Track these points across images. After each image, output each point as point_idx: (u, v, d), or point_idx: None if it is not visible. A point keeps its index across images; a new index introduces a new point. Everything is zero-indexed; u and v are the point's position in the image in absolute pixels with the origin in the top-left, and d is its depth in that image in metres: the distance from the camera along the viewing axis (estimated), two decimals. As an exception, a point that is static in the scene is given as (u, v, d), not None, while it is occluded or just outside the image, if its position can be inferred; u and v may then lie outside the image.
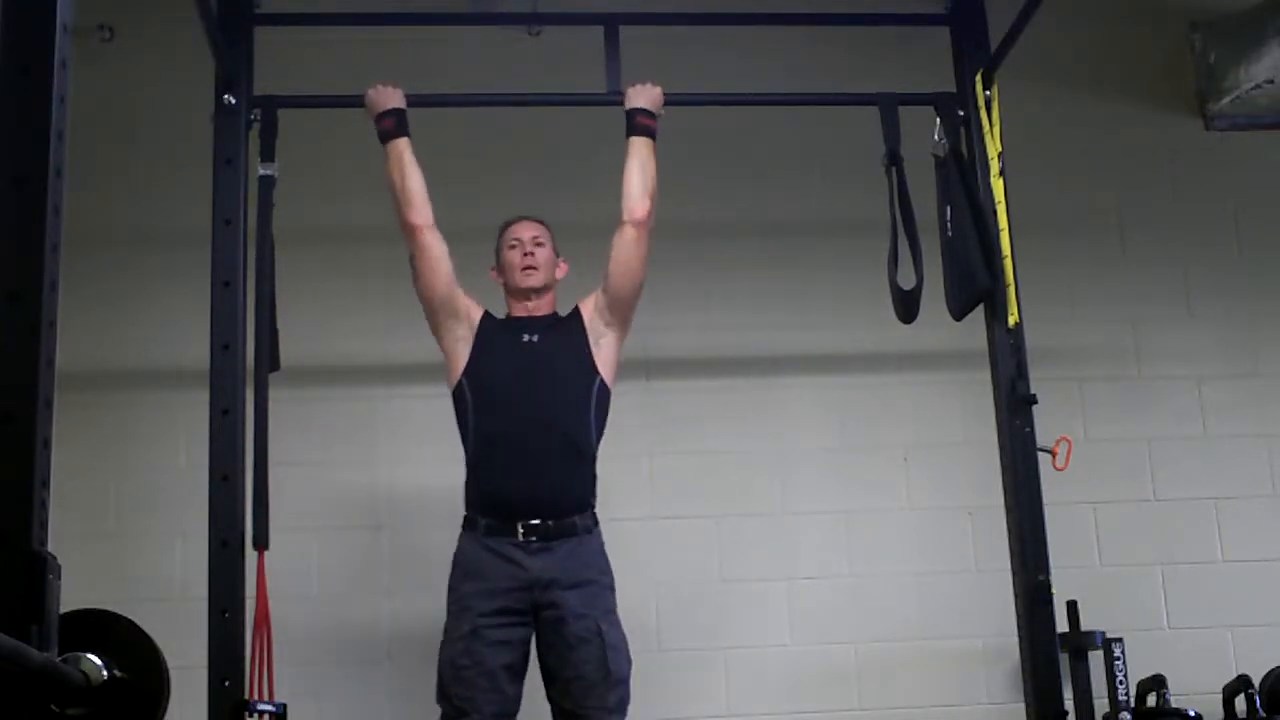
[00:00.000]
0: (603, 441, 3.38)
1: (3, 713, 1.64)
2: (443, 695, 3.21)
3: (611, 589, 3.32)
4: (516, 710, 3.23)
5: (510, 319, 3.48)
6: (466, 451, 3.37)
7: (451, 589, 3.30)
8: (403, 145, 3.45)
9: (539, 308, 3.47)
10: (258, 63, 3.63)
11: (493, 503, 3.30)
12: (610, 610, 3.28)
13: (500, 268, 3.54)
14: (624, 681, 3.23)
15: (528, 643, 3.26)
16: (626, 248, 3.41)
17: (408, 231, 3.40)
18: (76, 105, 1.81)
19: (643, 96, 3.56)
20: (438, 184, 3.54)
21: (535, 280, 3.46)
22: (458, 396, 3.39)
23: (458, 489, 3.36)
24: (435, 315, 3.43)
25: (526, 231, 3.51)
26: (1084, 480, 4.11)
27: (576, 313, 3.47)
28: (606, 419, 3.40)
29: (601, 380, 3.39)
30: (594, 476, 3.38)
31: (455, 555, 3.32)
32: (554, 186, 4.43)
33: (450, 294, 3.41)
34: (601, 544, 3.35)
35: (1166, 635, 4.44)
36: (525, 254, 3.46)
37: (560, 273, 3.54)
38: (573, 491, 3.32)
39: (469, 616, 3.21)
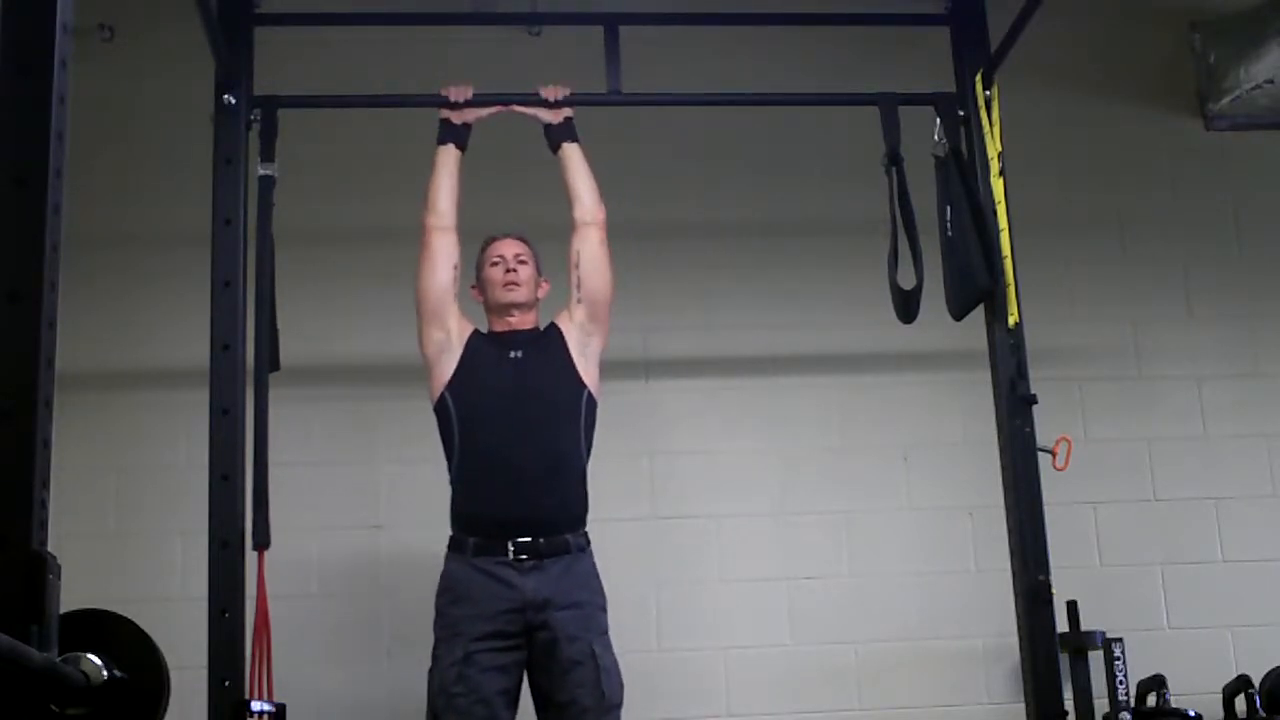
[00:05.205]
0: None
1: (3, 713, 1.64)
2: None
3: (604, 610, 3.25)
4: None
5: (494, 334, 3.42)
6: (451, 468, 3.30)
7: (440, 613, 3.22)
8: (449, 153, 3.47)
9: (522, 323, 3.41)
10: (258, 63, 3.63)
11: (481, 521, 3.22)
12: (604, 632, 3.22)
13: (481, 285, 3.48)
14: (617, 706, 3.17)
15: (522, 666, 3.18)
16: (594, 249, 3.41)
17: (422, 229, 3.40)
18: (76, 105, 1.81)
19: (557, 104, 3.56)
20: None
21: (518, 295, 3.40)
22: (440, 410, 3.32)
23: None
24: (424, 320, 3.38)
25: (509, 249, 3.46)
26: (1084, 480, 4.11)
27: (555, 328, 3.41)
28: (594, 431, 3.34)
29: (589, 393, 3.34)
30: (585, 494, 3.30)
31: (442, 577, 3.24)
32: (553, 187, 4.42)
33: (443, 302, 3.36)
34: (594, 564, 3.27)
35: (1166, 635, 4.44)
36: (508, 270, 3.42)
37: (543, 291, 3.49)
38: (565, 508, 3.25)
39: (460, 642, 3.13)
